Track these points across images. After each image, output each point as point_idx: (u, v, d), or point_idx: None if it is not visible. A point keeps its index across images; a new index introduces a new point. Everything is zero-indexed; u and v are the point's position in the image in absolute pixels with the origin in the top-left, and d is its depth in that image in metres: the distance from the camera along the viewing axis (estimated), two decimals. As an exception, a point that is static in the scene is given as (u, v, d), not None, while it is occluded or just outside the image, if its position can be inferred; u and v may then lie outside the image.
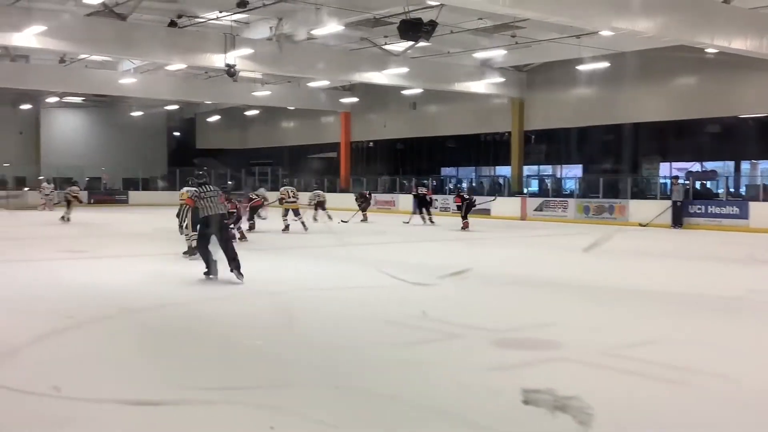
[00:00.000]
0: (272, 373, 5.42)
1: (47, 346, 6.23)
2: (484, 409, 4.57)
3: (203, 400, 4.69)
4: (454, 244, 17.80)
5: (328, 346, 6.25)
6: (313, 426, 4.23)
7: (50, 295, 8.80)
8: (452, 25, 21.57)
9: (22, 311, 7.81)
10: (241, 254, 9.95)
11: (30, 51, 25.99)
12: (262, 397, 4.76)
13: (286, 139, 42.81)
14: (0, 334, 6.54)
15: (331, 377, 5.21)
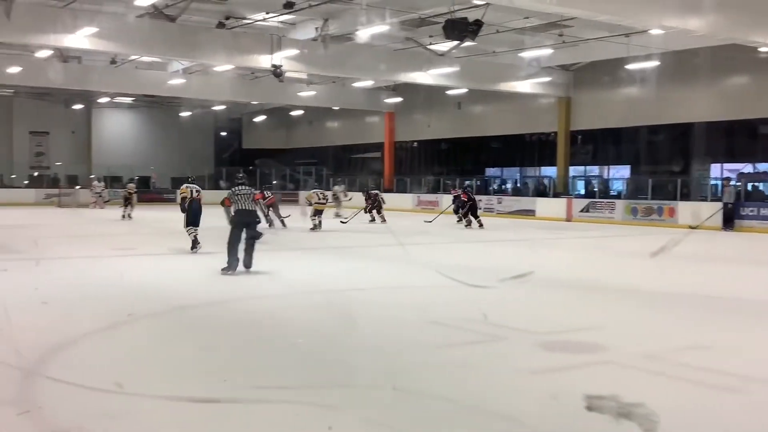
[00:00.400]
0: (326, 372, 5.45)
1: (103, 342, 6.38)
2: (540, 413, 4.52)
3: (258, 398, 4.74)
4: (500, 245, 17.68)
5: (382, 347, 6.26)
6: (370, 426, 4.25)
7: (103, 293, 8.99)
8: (498, 24, 21.42)
9: (77, 307, 7.99)
10: (290, 254, 10.03)
11: (82, 52, 26.61)
12: (316, 396, 4.78)
13: (330, 139, 43.05)
14: (56, 330, 6.69)
15: (387, 378, 5.21)
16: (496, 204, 29.59)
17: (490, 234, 20.25)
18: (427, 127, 36.16)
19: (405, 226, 22.32)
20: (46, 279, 9.85)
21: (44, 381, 5.04)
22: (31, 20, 19.22)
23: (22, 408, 4.40)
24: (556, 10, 16.00)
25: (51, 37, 20.10)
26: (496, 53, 25.92)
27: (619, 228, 22.53)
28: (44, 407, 4.49)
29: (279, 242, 16.11)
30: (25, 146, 41.33)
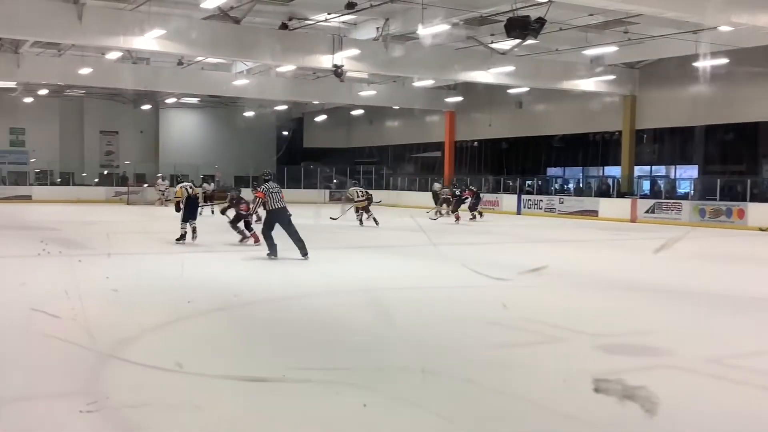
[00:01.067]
0: (373, 368, 5.50)
1: (169, 330, 6.60)
2: (597, 412, 4.48)
3: (302, 378, 4.84)
4: (560, 246, 17.45)
5: (431, 345, 6.28)
6: (427, 416, 4.30)
7: (169, 286, 9.26)
8: (561, 21, 21.13)
9: (145, 300, 8.25)
10: (338, 253, 10.13)
11: (150, 54, 27.39)
12: (366, 395, 4.85)
13: (390, 138, 43.20)
14: (127, 320, 6.94)
15: (434, 375, 5.24)
16: (558, 204, 29.22)
17: (550, 234, 20.00)
18: (488, 126, 35.91)
19: (463, 225, 22.22)
20: (115, 271, 10.18)
21: (114, 362, 5.27)
22: (102, 23, 19.88)
23: (92, 392, 4.59)
24: (622, 7, 15.74)
25: (120, 40, 20.73)
26: (559, 51, 25.57)
27: (686, 230, 21.95)
28: (112, 384, 4.68)
29: (326, 240, 16.27)
30: (95, 145, 42.75)
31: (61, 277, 8.74)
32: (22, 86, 35.22)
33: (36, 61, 27.82)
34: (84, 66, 27.56)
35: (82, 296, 7.64)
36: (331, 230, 19.09)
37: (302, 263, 11.57)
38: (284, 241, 11.91)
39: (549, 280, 9.61)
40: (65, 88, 37.20)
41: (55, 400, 4.63)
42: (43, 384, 4.97)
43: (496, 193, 32.80)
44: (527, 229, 21.60)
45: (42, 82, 32.53)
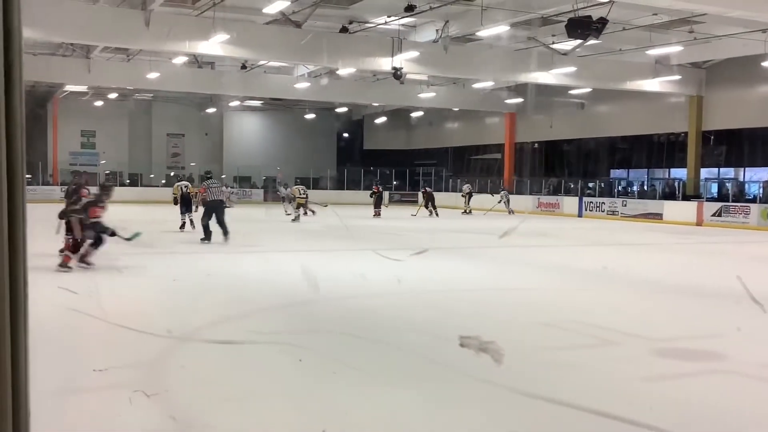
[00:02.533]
0: (433, 370, 5.58)
1: (221, 327, 6.82)
2: (651, 417, 4.46)
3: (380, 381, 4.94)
4: (620, 248, 17.19)
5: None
6: (476, 417, 4.35)
7: (225, 284, 9.53)
8: (624, 21, 20.80)
9: (201, 297, 8.53)
10: (398, 255, 10.18)
11: (215, 58, 28.06)
12: (423, 399, 4.94)
13: (449, 140, 43.15)
14: (182, 312, 7.21)
15: (495, 378, 5.28)
16: (620, 207, 28.71)
17: (610, 237, 19.70)
18: (549, 128, 35.55)
19: (522, 228, 22.05)
20: (179, 270, 10.51)
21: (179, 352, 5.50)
22: (168, 29, 20.47)
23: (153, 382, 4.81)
24: (685, 6, 15.42)
25: (186, 44, 21.33)
26: (623, 51, 25.15)
27: (754, 234, 21.32)
28: (176, 377, 4.88)
29: (391, 240, 16.39)
30: (162, 147, 43.97)
31: (127, 274, 9.09)
32: (93, 90, 36.57)
33: (106, 66, 28.85)
34: (152, 70, 28.41)
35: (144, 292, 7.96)
36: (397, 232, 19.23)
37: (363, 263, 11.64)
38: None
39: (605, 282, 9.51)
40: (134, 92, 38.43)
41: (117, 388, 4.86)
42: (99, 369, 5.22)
43: (557, 195, 32.41)
44: (587, 231, 21.31)
45: (112, 86, 33.70)
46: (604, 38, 20.27)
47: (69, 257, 10.04)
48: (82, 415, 4.40)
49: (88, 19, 19.90)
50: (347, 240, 16.41)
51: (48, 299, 7.50)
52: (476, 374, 5.32)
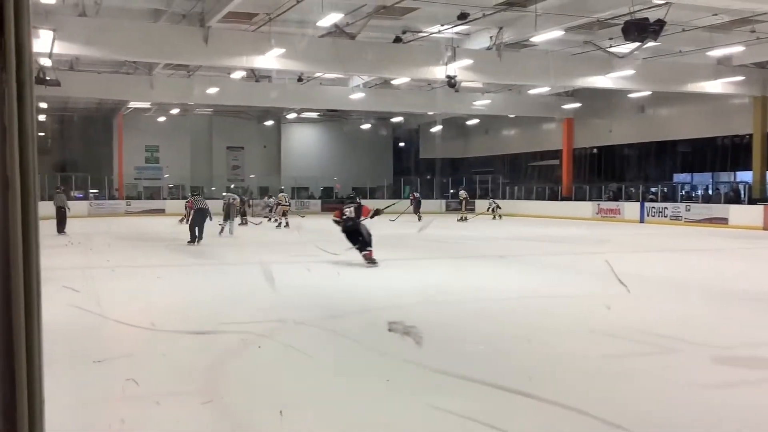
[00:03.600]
0: (481, 377, 5.56)
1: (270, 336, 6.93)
2: (710, 426, 4.36)
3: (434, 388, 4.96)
4: (683, 254, 16.77)
5: (541, 355, 6.27)
6: (532, 428, 4.33)
7: (267, 295, 9.68)
8: (683, 22, 20.35)
9: (246, 308, 8.68)
10: (450, 263, 10.17)
11: (272, 72, 28.54)
12: (470, 406, 4.93)
13: (506, 147, 42.81)
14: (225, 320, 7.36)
15: (544, 387, 5.24)
16: (684, 212, 27.99)
17: (673, 242, 19.23)
18: (608, 133, 34.95)
19: (581, 235, 21.73)
20: (229, 280, 10.73)
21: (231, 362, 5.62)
22: (226, 44, 20.95)
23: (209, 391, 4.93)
24: (745, 6, 14.99)
25: (244, 59, 21.77)
26: (683, 53, 24.59)
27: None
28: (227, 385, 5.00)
29: (442, 249, 16.35)
30: (222, 160, 44.89)
31: (181, 285, 9.33)
32: (156, 106, 37.62)
33: (167, 83, 29.66)
34: (211, 86, 29.08)
35: (198, 303, 8.20)
36: (448, 240, 19.19)
37: (408, 273, 11.65)
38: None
39: (664, 289, 9.31)
40: (194, 107, 39.39)
41: (175, 396, 5.00)
42: (162, 380, 5.39)
43: (618, 201, 31.81)
44: (649, 238, 20.86)
45: (173, 101, 34.62)
46: (663, 40, 19.87)
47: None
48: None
49: (150, 37, 20.53)
50: (392, 248, 16.45)
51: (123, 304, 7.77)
52: (520, 385, 5.29)
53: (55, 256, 13.38)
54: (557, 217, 31.84)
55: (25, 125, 0.72)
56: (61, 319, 7.03)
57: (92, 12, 19.51)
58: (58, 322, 6.70)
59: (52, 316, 6.69)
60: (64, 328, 6.71)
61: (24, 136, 0.72)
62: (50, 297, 7.69)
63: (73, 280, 9.83)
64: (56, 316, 6.92)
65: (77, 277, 10.60)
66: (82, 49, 19.86)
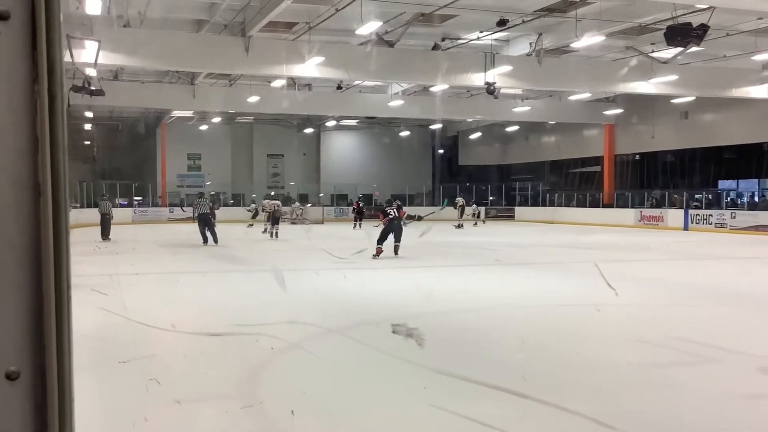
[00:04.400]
0: (509, 385, 5.52)
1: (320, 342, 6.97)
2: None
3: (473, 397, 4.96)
4: (726, 262, 16.42)
5: (581, 364, 6.20)
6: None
7: (323, 300, 9.74)
8: (727, 27, 20.00)
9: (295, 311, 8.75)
10: (487, 269, 10.11)
11: (312, 80, 28.79)
12: (509, 416, 4.90)
13: (546, 153, 42.43)
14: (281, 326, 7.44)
15: (586, 396, 5.19)
16: (729, 219, 27.41)
17: (716, 250, 18.85)
18: (651, 139, 34.43)
19: (623, 242, 21.42)
20: (295, 284, 10.83)
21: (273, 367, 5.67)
22: (266, 53, 21.19)
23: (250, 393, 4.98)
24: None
25: (284, 68, 21.98)
26: (727, 57, 24.12)
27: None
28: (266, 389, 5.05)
29: (480, 256, 16.27)
30: (263, 168, 45.34)
31: (205, 290, 9.44)
32: (198, 115, 38.21)
33: (209, 91, 30.11)
34: (252, 94, 29.42)
35: (223, 307, 8.30)
36: (483, 246, 19.11)
37: (444, 279, 11.68)
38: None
39: (708, 297, 9.14)
40: (236, 116, 39.90)
41: (215, 401, 5.07)
42: (204, 385, 5.46)
43: (661, 208, 31.30)
44: (692, 245, 20.47)
45: (215, 110, 35.12)
46: (707, 45, 19.50)
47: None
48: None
49: (192, 47, 20.89)
50: (430, 256, 16.42)
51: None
52: (552, 394, 5.24)
53: (86, 262, 13.68)
54: (599, 224, 31.46)
55: (57, 136, 0.75)
56: (89, 322, 7.19)
57: (136, 23, 19.93)
58: (86, 324, 6.85)
59: (81, 319, 6.91)
60: (92, 331, 6.87)
61: (55, 146, 0.75)
62: (79, 300, 7.97)
63: (102, 284, 10.03)
64: (85, 318, 7.09)
65: (105, 282, 10.81)
66: (126, 60, 20.28)
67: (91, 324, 7.13)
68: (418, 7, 19.27)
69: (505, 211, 39.95)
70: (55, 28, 0.75)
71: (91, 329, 6.90)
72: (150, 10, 19.02)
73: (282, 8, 17.03)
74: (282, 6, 16.81)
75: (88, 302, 8.10)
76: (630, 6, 18.92)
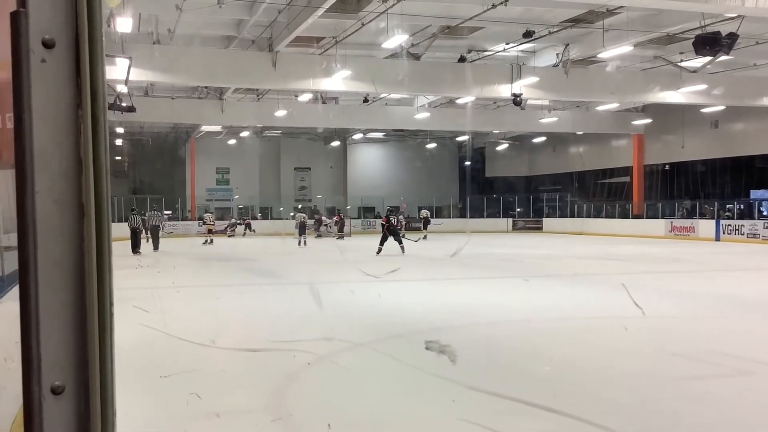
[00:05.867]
0: (543, 401, 5.49)
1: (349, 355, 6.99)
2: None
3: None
4: (759, 274, 16.16)
5: (613, 378, 6.14)
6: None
7: (322, 315, 9.76)
8: (757, 35, 19.79)
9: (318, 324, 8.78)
10: (509, 281, 10.04)
11: (338, 94, 28.98)
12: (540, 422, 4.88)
13: (574, 164, 42.16)
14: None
15: (618, 411, 5.14)
16: (762, 229, 26.97)
17: (748, 262, 18.56)
18: (681, 149, 34.06)
19: (653, 253, 21.17)
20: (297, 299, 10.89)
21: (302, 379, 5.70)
22: (293, 68, 21.41)
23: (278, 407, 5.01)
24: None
25: (311, 82, 22.19)
26: (757, 66, 23.85)
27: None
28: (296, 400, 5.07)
29: (510, 268, 16.18)
30: (290, 181, 45.61)
31: (238, 304, 9.50)
32: (227, 129, 38.60)
33: (237, 106, 30.44)
34: (279, 108, 29.69)
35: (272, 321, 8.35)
36: (513, 259, 19.02)
37: (472, 291, 11.63)
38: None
39: (740, 309, 9.00)
40: (263, 129, 40.24)
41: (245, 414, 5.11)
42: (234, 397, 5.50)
43: (692, 218, 30.91)
44: (724, 256, 20.18)
45: (243, 124, 35.47)
46: (736, 53, 19.32)
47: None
48: None
49: (221, 63, 21.17)
50: (459, 267, 16.37)
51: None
52: (586, 410, 5.19)
53: (126, 277, 13.86)
54: (628, 235, 31.16)
55: (100, 158, 0.79)
56: (131, 336, 7.28)
57: (166, 40, 20.25)
58: (127, 339, 6.93)
59: (122, 333, 7.01)
60: (133, 346, 6.96)
61: (98, 168, 0.78)
62: (121, 315, 8.08)
63: (143, 300, 10.16)
64: (126, 333, 7.18)
65: (147, 297, 10.94)
66: (156, 76, 20.60)
67: (131, 339, 7.23)
68: (444, 20, 19.34)
69: (533, 222, 39.72)
70: (97, 55, 0.78)
71: (132, 344, 7.00)
72: (179, 27, 19.33)
73: (309, 23, 17.20)
74: (309, 21, 16.98)
75: (130, 317, 8.22)
76: (657, 15, 18.80)
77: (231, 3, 17.23)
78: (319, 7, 15.99)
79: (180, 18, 18.26)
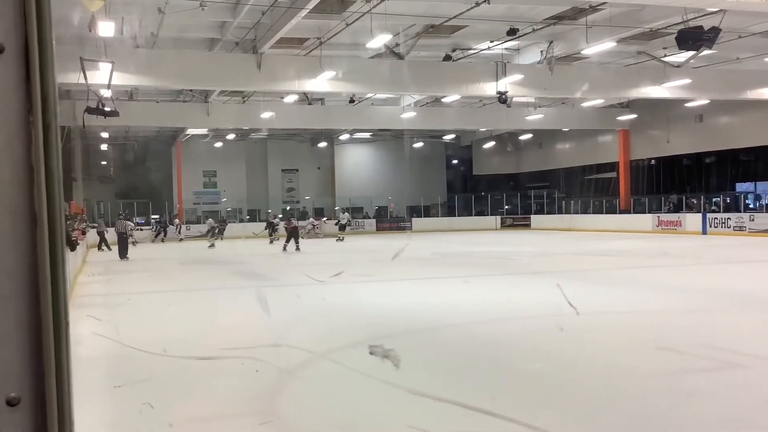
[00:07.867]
0: (537, 395, 5.49)
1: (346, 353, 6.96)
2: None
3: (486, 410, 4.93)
4: (745, 267, 16.26)
5: (606, 373, 6.16)
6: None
7: (349, 312, 9.73)
8: (739, 29, 19.89)
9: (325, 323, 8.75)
10: (508, 279, 10.05)
11: (324, 94, 28.92)
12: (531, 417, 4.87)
13: (560, 161, 42.30)
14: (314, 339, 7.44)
15: (611, 405, 5.14)
16: (748, 222, 27.16)
17: (734, 255, 18.67)
18: (666, 143, 34.23)
19: (641, 248, 21.27)
20: (306, 299, 10.86)
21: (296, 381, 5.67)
22: (278, 69, 21.34)
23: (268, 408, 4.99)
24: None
25: (296, 83, 22.12)
26: (740, 60, 23.99)
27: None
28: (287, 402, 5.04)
29: (502, 266, 16.21)
30: (278, 182, 45.51)
31: (247, 306, 9.44)
32: (213, 132, 38.48)
33: (223, 109, 30.32)
34: (265, 110, 29.61)
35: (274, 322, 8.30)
36: (506, 256, 19.05)
37: (477, 293, 11.62)
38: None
39: (729, 303, 9.04)
40: (250, 132, 40.13)
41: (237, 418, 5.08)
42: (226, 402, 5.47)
43: (678, 212, 31.07)
44: (711, 249, 20.30)
45: (229, 127, 35.36)
46: (719, 47, 19.44)
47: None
48: None
49: (205, 65, 21.08)
50: (452, 267, 16.37)
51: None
52: (576, 404, 5.20)
53: (93, 283, 13.77)
54: (616, 230, 31.30)
55: (51, 165, 0.77)
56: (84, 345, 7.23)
57: (149, 43, 20.14)
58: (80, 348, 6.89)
59: (76, 342, 6.98)
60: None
61: (50, 175, 0.77)
62: (75, 323, 8.03)
63: (96, 308, 10.07)
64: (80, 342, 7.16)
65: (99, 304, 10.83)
66: (140, 80, 20.48)
67: (85, 348, 7.15)
68: (428, 19, 19.33)
69: (521, 219, 39.82)
70: (48, 60, 0.76)
71: (86, 354, 6.93)
72: (162, 30, 19.22)
73: (293, 24, 17.15)
74: (293, 22, 16.93)
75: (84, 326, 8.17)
76: (640, 11, 18.87)
77: (214, 5, 17.16)
78: (302, 8, 15.95)
79: (163, 21, 18.15)
